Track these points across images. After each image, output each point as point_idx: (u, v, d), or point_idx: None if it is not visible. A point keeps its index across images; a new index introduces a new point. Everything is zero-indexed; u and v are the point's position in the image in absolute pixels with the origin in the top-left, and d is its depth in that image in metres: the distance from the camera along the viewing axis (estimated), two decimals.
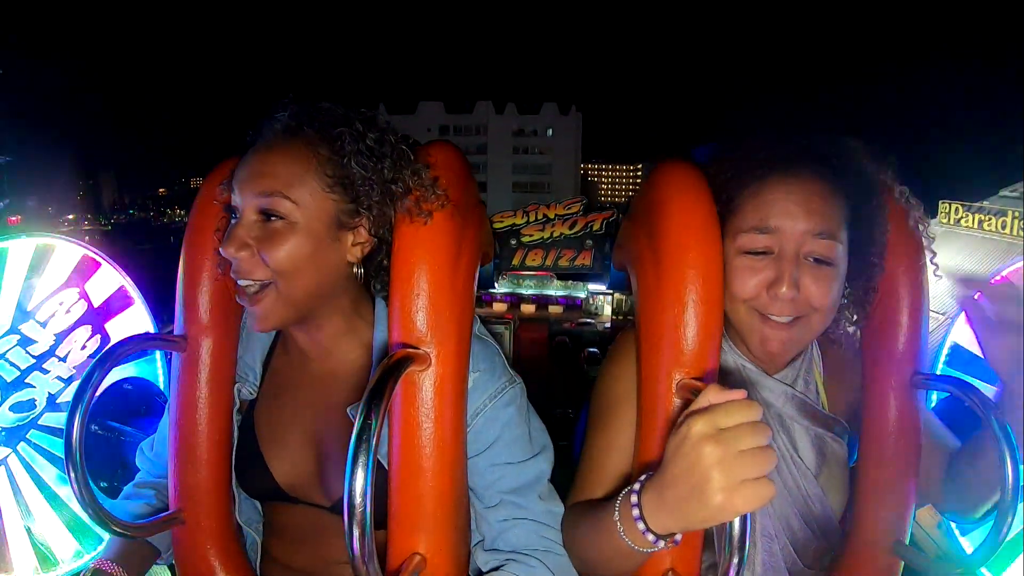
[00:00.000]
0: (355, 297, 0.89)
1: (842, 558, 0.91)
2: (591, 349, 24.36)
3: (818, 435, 0.90)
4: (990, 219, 12.96)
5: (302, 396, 0.92)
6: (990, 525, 0.80)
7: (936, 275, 0.92)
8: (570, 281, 34.90)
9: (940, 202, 14.28)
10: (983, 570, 1.16)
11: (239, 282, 0.81)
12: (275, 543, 0.95)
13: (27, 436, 1.34)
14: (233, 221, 0.80)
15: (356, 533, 0.60)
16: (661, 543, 0.65)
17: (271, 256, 0.78)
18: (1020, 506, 1.01)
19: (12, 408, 1.34)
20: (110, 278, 1.38)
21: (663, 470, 0.63)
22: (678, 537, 0.66)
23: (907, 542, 0.88)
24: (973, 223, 13.44)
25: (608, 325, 30.68)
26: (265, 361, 0.96)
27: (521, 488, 0.87)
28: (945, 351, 1.32)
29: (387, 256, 0.84)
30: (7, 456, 1.34)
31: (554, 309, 34.55)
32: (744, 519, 0.62)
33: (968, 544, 1.21)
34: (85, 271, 1.38)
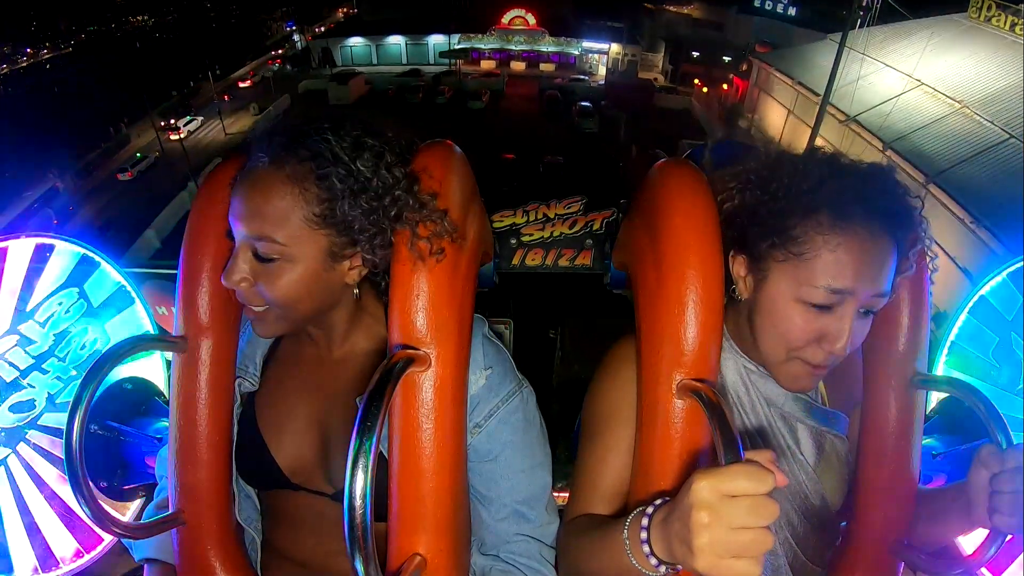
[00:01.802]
0: (362, 297, 0.89)
1: (842, 558, 0.91)
2: (583, 103, 23.92)
3: (819, 432, 0.90)
4: (1022, 22, 12.14)
5: (309, 381, 0.92)
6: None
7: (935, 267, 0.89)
8: (563, 38, 32.86)
9: None
10: (983, 570, 1.16)
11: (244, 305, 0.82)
12: (276, 533, 0.95)
13: (27, 436, 1.34)
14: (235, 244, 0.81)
15: (356, 535, 0.61)
16: (663, 568, 0.65)
17: (268, 290, 0.79)
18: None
19: (12, 408, 1.34)
20: (110, 278, 1.38)
21: (673, 505, 0.62)
22: (679, 567, 0.64)
23: (907, 542, 0.88)
24: (1004, 23, 12.57)
25: (602, 83, 29.34)
26: (268, 352, 0.96)
27: (530, 499, 0.89)
28: (945, 351, 1.32)
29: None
30: (7, 456, 1.34)
31: (546, 67, 32.55)
32: None
33: (968, 544, 1.21)
34: (85, 271, 1.38)
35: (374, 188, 0.78)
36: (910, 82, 12.45)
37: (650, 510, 0.66)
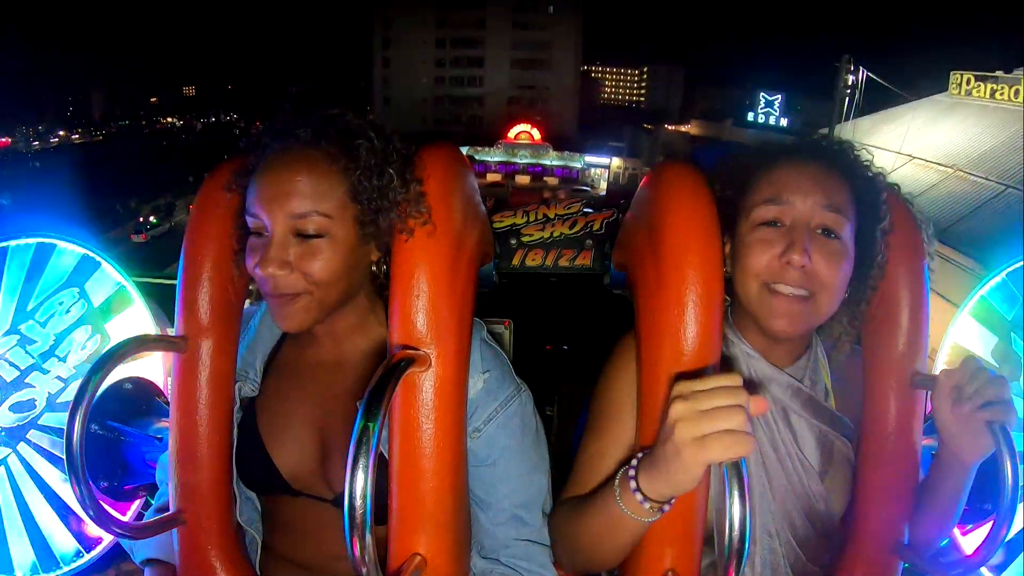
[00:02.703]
0: (370, 295, 0.90)
1: (842, 558, 0.91)
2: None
3: (823, 433, 0.90)
4: (1003, 88, 12.53)
5: (309, 386, 0.92)
6: (990, 525, 0.80)
7: (932, 268, 0.92)
8: (566, 152, 34.17)
9: (952, 72, 13.88)
10: (983, 570, 1.16)
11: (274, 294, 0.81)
12: (276, 538, 0.95)
13: (27, 436, 1.34)
14: (256, 238, 0.81)
15: (356, 536, 0.61)
16: (647, 505, 0.71)
17: (310, 270, 0.79)
18: (1020, 506, 1.01)
19: (12, 408, 1.34)
20: (110, 278, 1.38)
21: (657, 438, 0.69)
22: (665, 508, 0.72)
23: (906, 542, 0.88)
24: (985, 93, 13.02)
25: (603, 194, 30.85)
26: (268, 356, 0.96)
27: (528, 503, 0.89)
28: (945, 351, 1.32)
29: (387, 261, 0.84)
30: (7, 456, 1.34)
31: (550, 180, 33.46)
32: (743, 518, 0.63)
33: (968, 544, 1.21)
34: (85, 271, 1.38)
35: (391, 163, 0.82)
36: (900, 158, 12.80)
37: (634, 462, 0.73)
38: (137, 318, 1.37)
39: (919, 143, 12.99)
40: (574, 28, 42.48)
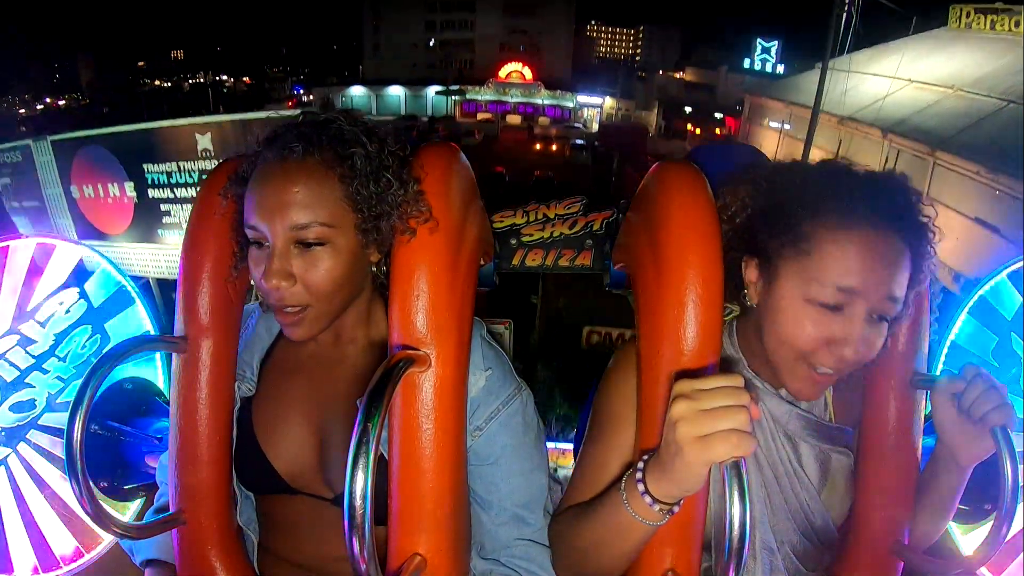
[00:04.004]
0: (371, 294, 0.90)
1: (842, 558, 0.91)
2: (577, 140, 25.10)
3: (823, 450, 0.89)
4: (1003, 19, 12.70)
5: (307, 384, 0.92)
6: (990, 525, 0.80)
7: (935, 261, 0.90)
8: (558, 91, 33.76)
9: (951, 6, 13.98)
10: (983, 570, 1.17)
11: (280, 308, 0.81)
12: (275, 538, 0.95)
13: (27, 436, 1.35)
14: (257, 249, 0.80)
15: (356, 536, 0.61)
16: (656, 507, 0.69)
17: (313, 280, 0.79)
18: (1020, 506, 1.01)
19: (12, 408, 1.34)
20: (110, 278, 1.38)
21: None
22: (675, 509, 0.71)
23: (906, 542, 0.88)
24: (985, 25, 13.19)
25: (596, 130, 30.68)
26: (264, 356, 0.96)
27: (529, 502, 0.89)
28: (945, 351, 1.32)
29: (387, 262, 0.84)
30: (7, 456, 1.35)
31: (542, 120, 33.23)
32: (743, 518, 0.62)
33: (968, 544, 1.21)
34: (85, 271, 1.38)
35: (387, 168, 0.82)
36: (897, 82, 12.76)
37: (640, 464, 0.71)
38: (137, 318, 1.37)
39: (918, 70, 13.06)
40: None
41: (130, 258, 4.98)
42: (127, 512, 1.32)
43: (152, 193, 4.73)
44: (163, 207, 4.78)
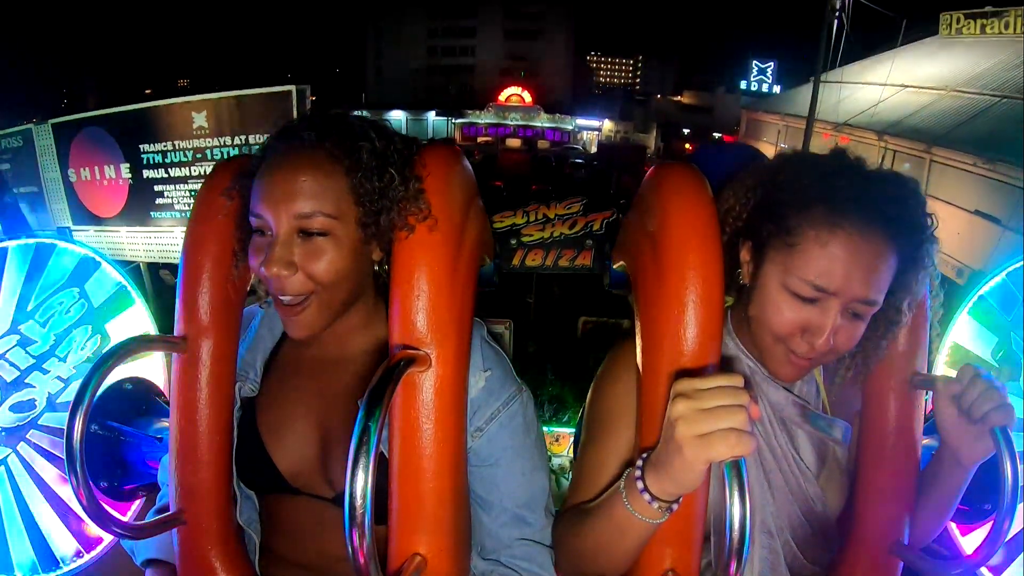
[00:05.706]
0: (374, 295, 0.91)
1: (841, 558, 0.91)
2: (576, 159, 25.74)
3: (820, 439, 0.90)
4: (992, 23, 12.91)
5: (311, 384, 0.92)
6: (990, 525, 0.80)
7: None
8: (557, 115, 34.10)
9: (941, 14, 14.26)
10: (983, 570, 1.17)
11: (281, 298, 0.81)
12: (276, 538, 0.95)
13: (27, 436, 1.35)
14: (260, 237, 0.81)
15: (356, 535, 0.61)
16: (655, 505, 0.70)
17: (315, 271, 0.79)
18: (1020, 506, 1.01)
19: (12, 408, 1.34)
20: (110, 278, 1.38)
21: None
22: (674, 507, 0.72)
23: (907, 542, 0.88)
24: (975, 29, 13.45)
25: (595, 150, 31.25)
26: (268, 358, 0.96)
27: (530, 503, 0.89)
28: (945, 351, 1.32)
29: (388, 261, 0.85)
30: (7, 456, 1.35)
31: (542, 144, 33.32)
32: (743, 518, 0.63)
33: (968, 544, 1.21)
34: (85, 271, 1.38)
35: (391, 164, 0.83)
36: (891, 88, 12.93)
37: (640, 462, 0.72)
38: (137, 318, 1.37)
39: (911, 75, 13.23)
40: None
41: (122, 243, 5.01)
42: (127, 512, 1.32)
43: (147, 173, 4.73)
44: (156, 188, 4.77)
